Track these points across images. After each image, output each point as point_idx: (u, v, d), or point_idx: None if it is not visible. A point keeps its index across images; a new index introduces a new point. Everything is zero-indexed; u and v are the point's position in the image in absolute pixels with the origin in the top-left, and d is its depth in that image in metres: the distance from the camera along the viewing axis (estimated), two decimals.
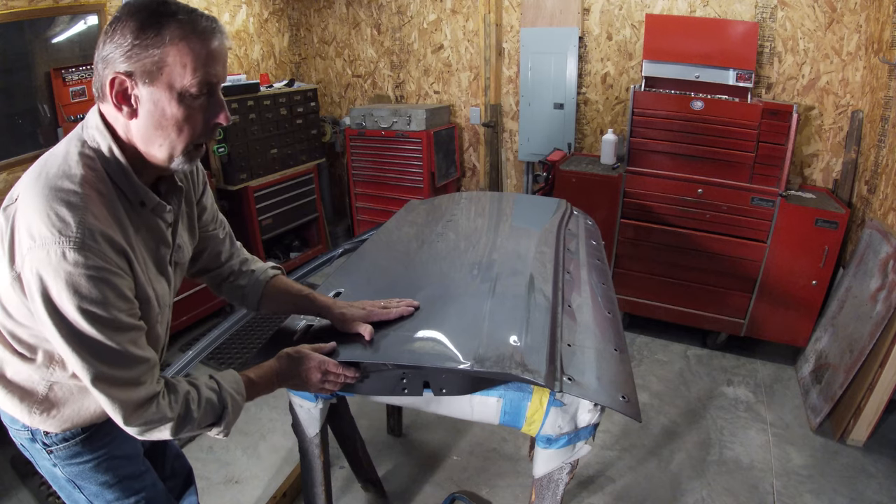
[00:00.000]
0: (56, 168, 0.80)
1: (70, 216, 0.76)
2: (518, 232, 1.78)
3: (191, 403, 0.91)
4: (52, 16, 2.60)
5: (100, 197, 0.81)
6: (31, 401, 0.94)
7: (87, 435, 1.01)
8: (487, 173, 3.73)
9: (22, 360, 0.92)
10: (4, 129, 2.50)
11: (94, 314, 0.78)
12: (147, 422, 0.85)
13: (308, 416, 1.35)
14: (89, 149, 0.84)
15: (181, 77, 0.80)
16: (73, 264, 0.75)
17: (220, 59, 0.84)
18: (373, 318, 1.18)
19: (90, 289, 0.76)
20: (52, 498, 1.89)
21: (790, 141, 2.35)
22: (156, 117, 0.82)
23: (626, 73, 3.11)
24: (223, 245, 1.20)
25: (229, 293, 1.24)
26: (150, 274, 0.91)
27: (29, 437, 0.99)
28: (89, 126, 0.86)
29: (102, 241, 0.78)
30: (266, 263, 1.27)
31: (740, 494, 1.91)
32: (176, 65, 0.80)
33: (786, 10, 2.66)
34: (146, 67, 0.79)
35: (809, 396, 2.36)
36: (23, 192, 0.79)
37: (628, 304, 2.89)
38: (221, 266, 1.21)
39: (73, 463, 1.02)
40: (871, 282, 2.19)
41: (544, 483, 1.16)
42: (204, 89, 0.83)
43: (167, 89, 0.81)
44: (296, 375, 1.07)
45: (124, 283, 0.82)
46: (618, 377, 1.06)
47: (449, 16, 3.58)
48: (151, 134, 0.84)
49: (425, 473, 2.04)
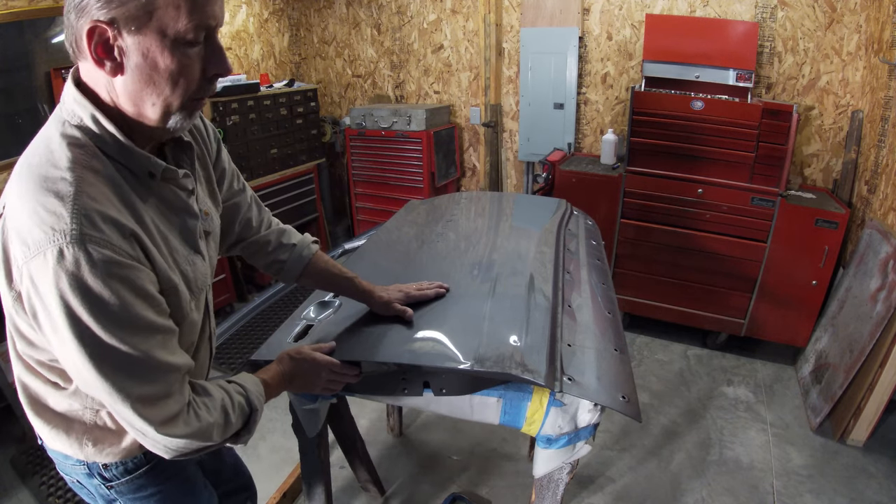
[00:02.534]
0: (38, 157, 0.69)
1: (61, 206, 0.64)
2: (518, 232, 1.78)
3: (228, 409, 0.83)
4: (52, 16, 2.59)
5: (95, 175, 0.69)
6: (80, 433, 0.84)
7: (153, 465, 0.91)
8: (487, 173, 3.73)
9: (56, 390, 0.81)
10: (4, 128, 2.50)
11: (110, 319, 0.66)
12: (184, 435, 0.75)
13: (308, 417, 1.35)
14: (71, 126, 0.72)
15: (174, 21, 0.67)
16: (73, 263, 0.63)
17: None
18: (411, 300, 1.19)
19: (101, 289, 0.65)
20: (53, 498, 1.89)
21: (790, 141, 2.35)
22: (146, 71, 0.69)
23: (626, 73, 3.11)
24: (251, 210, 1.09)
25: (266, 265, 1.15)
26: (177, 256, 0.80)
27: (85, 472, 0.89)
28: (66, 101, 0.74)
29: (105, 226, 0.66)
30: (306, 237, 1.19)
31: (740, 494, 1.91)
32: (168, 6, 0.67)
33: (786, 10, 2.66)
34: (131, 12, 0.66)
35: (809, 396, 2.36)
36: (8, 198, 0.69)
37: (628, 304, 2.89)
38: (255, 234, 1.11)
39: (136, 498, 0.93)
40: (871, 282, 2.19)
41: (544, 483, 1.16)
42: (201, 34, 0.71)
43: (158, 36, 0.68)
44: (301, 376, 1.05)
45: (141, 276, 0.69)
46: (618, 377, 1.06)
47: (449, 16, 3.58)
48: (142, 91, 0.71)
49: (425, 473, 2.04)
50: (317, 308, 1.33)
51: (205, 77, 0.74)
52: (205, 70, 0.74)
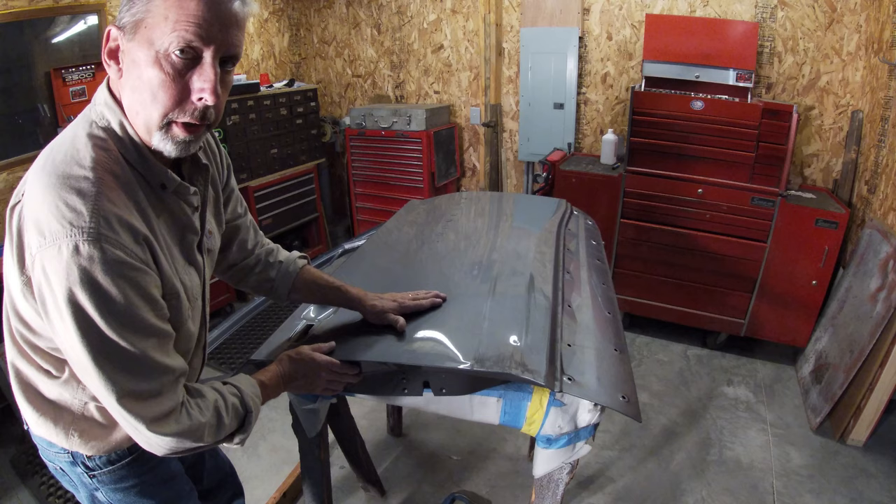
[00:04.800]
0: (63, 154, 0.71)
1: (82, 204, 0.66)
2: (518, 232, 1.78)
3: (221, 410, 0.84)
4: (52, 16, 2.60)
5: (115, 179, 0.71)
6: (67, 422, 0.85)
7: (135, 457, 0.93)
8: (487, 173, 3.73)
9: (48, 378, 0.83)
10: (4, 128, 2.50)
11: (114, 315, 0.68)
12: (174, 434, 0.76)
13: (308, 417, 1.35)
14: (98, 128, 0.74)
15: (162, 33, 0.67)
16: (87, 259, 0.65)
17: (220, 20, 0.70)
18: (405, 310, 1.17)
19: (109, 286, 0.67)
20: (53, 498, 1.89)
21: (790, 141, 2.35)
22: (133, 78, 0.71)
23: (626, 73, 3.11)
24: (249, 233, 1.13)
25: (256, 285, 1.17)
26: (178, 265, 0.83)
27: (69, 460, 0.91)
28: (97, 102, 0.76)
29: (121, 229, 0.68)
30: (293, 253, 1.22)
31: (740, 494, 1.91)
32: (158, 17, 0.67)
33: (786, 10, 2.66)
34: (132, 18, 0.68)
35: (809, 396, 2.36)
36: (29, 187, 0.71)
37: (628, 304, 2.89)
38: (249, 256, 1.14)
39: (117, 488, 0.94)
40: (871, 282, 2.19)
41: (544, 483, 1.16)
42: (188, 53, 0.69)
43: (146, 46, 0.69)
44: (301, 377, 1.05)
45: (148, 280, 0.72)
46: (618, 377, 1.06)
47: (449, 16, 3.58)
48: (130, 97, 0.73)
49: (425, 473, 2.04)
50: (317, 308, 1.33)
51: (182, 98, 0.72)
52: (183, 91, 0.71)
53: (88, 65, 2.73)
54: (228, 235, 1.08)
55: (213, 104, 0.73)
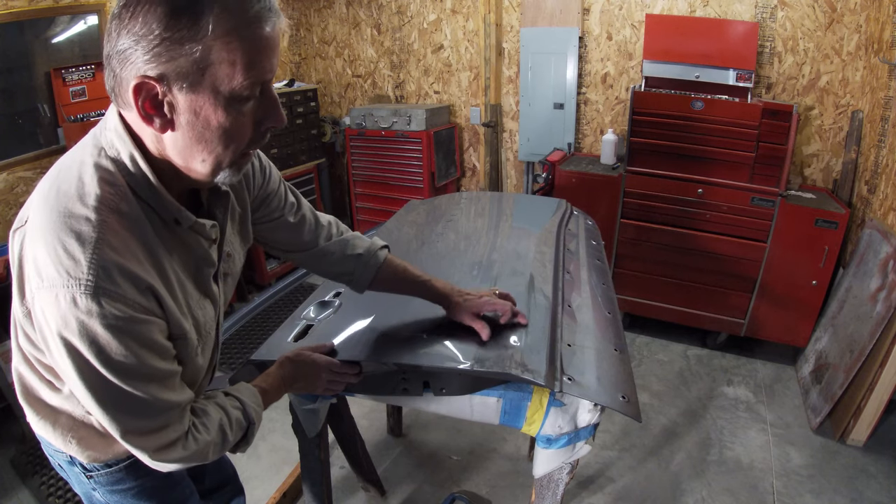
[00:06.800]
0: (68, 184, 0.67)
1: (81, 252, 0.62)
2: (518, 232, 1.78)
3: (225, 427, 0.83)
4: (52, 16, 2.60)
5: (120, 220, 0.67)
6: (66, 427, 0.85)
7: (133, 461, 0.91)
8: (487, 173, 3.73)
9: (51, 389, 0.82)
10: (4, 128, 2.51)
11: (115, 365, 0.66)
12: (179, 459, 0.76)
13: (308, 417, 1.35)
14: (107, 158, 0.69)
15: (229, 78, 0.64)
16: (85, 313, 0.62)
17: (273, 48, 0.67)
18: (485, 310, 1.12)
19: (109, 340, 0.64)
20: (53, 498, 1.89)
21: (790, 141, 2.35)
22: (198, 129, 0.66)
23: (626, 73, 3.11)
24: (299, 230, 1.05)
25: (333, 276, 1.13)
26: (191, 300, 0.79)
27: (67, 459, 0.91)
28: (108, 129, 0.70)
29: (122, 281, 0.65)
30: (374, 243, 1.14)
31: (740, 494, 1.91)
32: (222, 63, 0.63)
33: (786, 10, 2.66)
34: (183, 68, 0.62)
35: (809, 396, 2.36)
36: (32, 214, 0.67)
37: (628, 304, 2.89)
38: (307, 249, 1.07)
39: (114, 490, 0.94)
40: (871, 282, 2.19)
41: (544, 483, 1.16)
42: (257, 89, 0.68)
43: (212, 94, 0.64)
44: (302, 378, 1.05)
45: (153, 328, 0.69)
46: (618, 377, 1.06)
47: (449, 16, 3.57)
48: (192, 148, 0.68)
49: (425, 473, 2.04)
50: (317, 308, 1.33)
51: (258, 131, 0.72)
52: (258, 123, 0.71)
53: (88, 65, 2.73)
54: (268, 236, 1.03)
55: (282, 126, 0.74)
